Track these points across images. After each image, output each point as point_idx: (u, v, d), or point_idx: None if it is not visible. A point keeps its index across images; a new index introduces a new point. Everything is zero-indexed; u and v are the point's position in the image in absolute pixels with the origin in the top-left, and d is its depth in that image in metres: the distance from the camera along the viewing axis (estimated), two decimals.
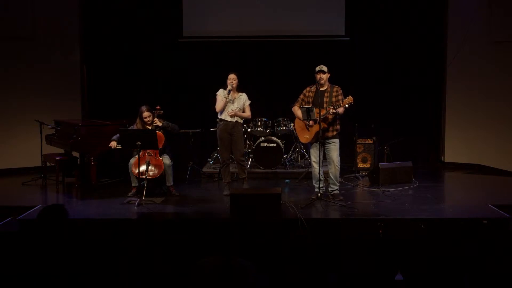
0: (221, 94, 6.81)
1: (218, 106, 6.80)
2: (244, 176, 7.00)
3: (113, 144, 6.67)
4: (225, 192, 6.83)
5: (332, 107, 6.17)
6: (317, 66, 6.39)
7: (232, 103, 6.78)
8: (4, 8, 8.43)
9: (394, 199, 6.65)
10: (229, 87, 6.72)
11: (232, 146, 6.87)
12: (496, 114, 8.43)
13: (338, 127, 6.41)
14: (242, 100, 6.85)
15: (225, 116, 6.80)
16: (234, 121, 6.80)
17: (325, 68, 6.35)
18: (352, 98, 6.14)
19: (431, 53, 9.07)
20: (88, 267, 3.41)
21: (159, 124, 6.75)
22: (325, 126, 6.28)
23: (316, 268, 4.32)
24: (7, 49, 8.53)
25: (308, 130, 6.48)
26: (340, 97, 6.32)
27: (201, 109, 8.76)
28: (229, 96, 6.73)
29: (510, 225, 5.63)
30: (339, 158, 6.45)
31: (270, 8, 9.08)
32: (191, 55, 9.28)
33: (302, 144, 7.80)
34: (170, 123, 6.85)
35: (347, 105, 6.16)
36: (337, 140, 6.42)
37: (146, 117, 6.73)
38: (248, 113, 6.94)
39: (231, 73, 6.80)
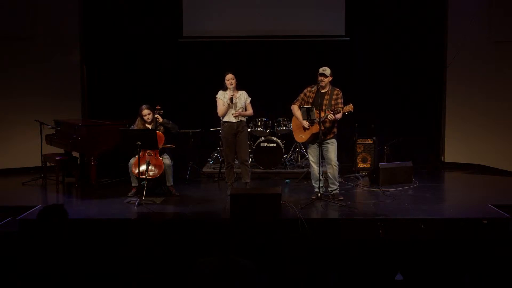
0: (221, 97, 6.75)
1: (221, 111, 6.75)
2: (247, 181, 6.92)
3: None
4: (229, 193, 6.81)
5: (331, 112, 6.16)
6: (317, 66, 6.37)
7: (233, 108, 6.73)
8: (4, 8, 8.43)
9: (394, 199, 6.65)
10: (229, 94, 6.63)
11: (236, 147, 6.85)
12: (496, 114, 8.42)
13: (335, 129, 6.40)
14: (243, 99, 6.81)
15: (229, 118, 6.77)
16: (238, 120, 6.79)
17: (327, 72, 6.27)
18: (352, 107, 6.13)
19: (431, 53, 9.06)
20: (88, 267, 3.40)
21: (160, 119, 6.74)
22: (323, 128, 6.27)
23: (316, 268, 4.33)
24: (7, 49, 8.52)
25: (304, 131, 6.48)
26: (339, 100, 6.30)
27: (201, 109, 8.75)
28: (232, 103, 6.69)
29: (510, 225, 5.63)
30: (336, 158, 6.44)
31: (270, 8, 9.07)
32: (191, 55, 9.28)
33: (302, 144, 7.80)
34: (170, 121, 6.84)
35: (346, 112, 6.16)
36: (334, 141, 6.40)
37: (146, 115, 6.72)
38: (250, 111, 6.90)
39: (228, 73, 6.73)
